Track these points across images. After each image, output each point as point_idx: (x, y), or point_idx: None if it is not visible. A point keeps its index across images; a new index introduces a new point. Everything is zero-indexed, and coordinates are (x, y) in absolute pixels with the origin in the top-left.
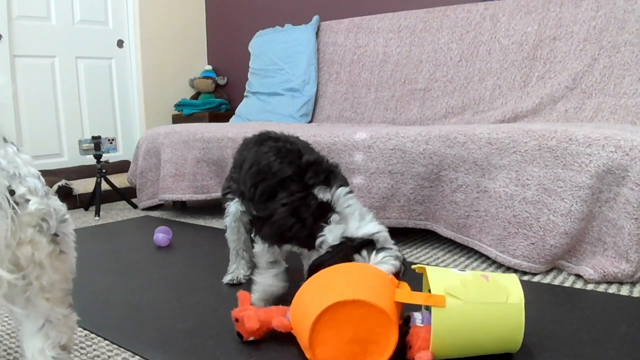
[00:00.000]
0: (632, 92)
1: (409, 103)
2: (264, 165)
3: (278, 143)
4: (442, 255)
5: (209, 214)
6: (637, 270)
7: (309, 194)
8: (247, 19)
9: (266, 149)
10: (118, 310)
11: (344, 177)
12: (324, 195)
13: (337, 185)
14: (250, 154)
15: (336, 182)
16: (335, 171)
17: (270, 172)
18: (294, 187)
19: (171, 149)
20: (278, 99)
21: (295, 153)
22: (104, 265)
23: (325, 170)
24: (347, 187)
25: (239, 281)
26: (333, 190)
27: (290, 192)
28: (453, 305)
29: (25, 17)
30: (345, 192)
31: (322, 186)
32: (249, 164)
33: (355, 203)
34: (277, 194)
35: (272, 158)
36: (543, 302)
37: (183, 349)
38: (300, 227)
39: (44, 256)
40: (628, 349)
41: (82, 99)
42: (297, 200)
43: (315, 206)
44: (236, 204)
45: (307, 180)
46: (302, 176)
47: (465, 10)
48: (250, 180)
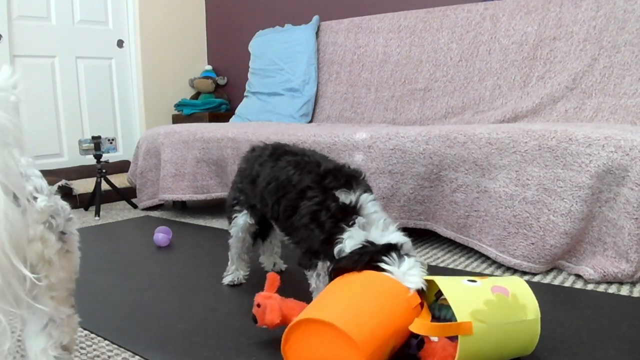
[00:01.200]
0: (632, 92)
1: (409, 103)
2: (284, 180)
3: (296, 157)
4: (442, 255)
5: (209, 214)
6: (637, 270)
7: (329, 196)
8: (247, 19)
9: (284, 164)
10: (118, 310)
11: (367, 184)
12: (346, 197)
13: (361, 190)
14: (266, 169)
15: (359, 187)
16: (358, 177)
17: (291, 185)
18: (312, 193)
19: (171, 149)
20: (278, 99)
21: (314, 164)
22: (104, 265)
23: (346, 175)
24: (371, 194)
25: (239, 282)
26: (358, 194)
27: (309, 198)
28: (479, 330)
29: (25, 17)
30: (370, 198)
31: (344, 189)
32: (267, 180)
33: (381, 211)
34: (299, 206)
35: (292, 172)
36: (543, 302)
37: (183, 349)
38: (319, 231)
39: (53, 253)
40: (628, 349)
41: (82, 99)
42: (315, 205)
43: (335, 209)
44: (245, 216)
45: (327, 185)
46: (321, 182)
47: (465, 10)
48: (270, 197)
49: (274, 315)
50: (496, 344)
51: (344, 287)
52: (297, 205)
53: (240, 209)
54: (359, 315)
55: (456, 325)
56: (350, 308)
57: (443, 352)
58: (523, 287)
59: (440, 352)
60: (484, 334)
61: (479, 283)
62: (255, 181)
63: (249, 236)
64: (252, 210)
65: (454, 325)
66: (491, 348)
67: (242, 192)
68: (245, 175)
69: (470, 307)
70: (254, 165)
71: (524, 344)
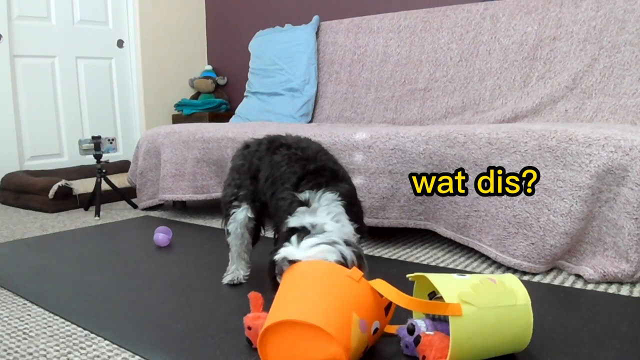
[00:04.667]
0: (632, 92)
1: (409, 103)
2: (277, 177)
3: (290, 150)
4: (442, 255)
5: (209, 214)
6: (637, 270)
7: (295, 198)
8: (247, 19)
9: (279, 158)
10: (118, 310)
11: (344, 185)
12: (303, 196)
13: (324, 190)
14: (265, 164)
15: (329, 188)
16: (337, 177)
17: (280, 182)
18: (286, 194)
19: (171, 149)
20: (278, 99)
21: (303, 161)
22: (104, 265)
23: (323, 177)
24: (335, 194)
25: (239, 281)
26: (319, 193)
27: (282, 199)
28: (469, 312)
29: (25, 17)
30: (332, 196)
31: (309, 190)
32: (266, 175)
33: (335, 207)
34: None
35: (284, 168)
36: (543, 302)
37: (183, 349)
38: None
39: None
40: (628, 349)
41: (82, 99)
42: (281, 200)
43: (293, 204)
44: (244, 211)
45: (300, 187)
46: (298, 185)
47: (465, 10)
48: (268, 191)
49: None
50: (489, 329)
51: (288, 286)
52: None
53: (239, 204)
54: (311, 304)
55: (445, 305)
56: (299, 301)
57: (440, 344)
58: (511, 278)
59: (438, 344)
60: (475, 317)
61: (467, 276)
62: (257, 176)
63: (248, 233)
64: (252, 205)
65: (442, 305)
66: (485, 334)
67: (241, 187)
68: (243, 171)
69: (457, 291)
70: (252, 160)
71: (517, 333)
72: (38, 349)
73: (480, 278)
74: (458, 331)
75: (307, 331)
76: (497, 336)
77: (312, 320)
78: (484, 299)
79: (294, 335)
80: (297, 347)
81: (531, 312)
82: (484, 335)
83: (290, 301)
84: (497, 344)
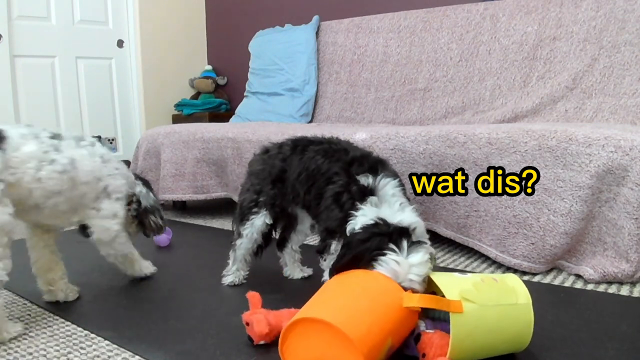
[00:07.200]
0: (632, 92)
1: (409, 103)
2: (313, 170)
3: (322, 145)
4: (442, 255)
5: (209, 214)
6: (637, 270)
7: (352, 180)
8: (247, 19)
9: (311, 154)
10: (118, 310)
11: (394, 171)
12: (366, 180)
13: (384, 175)
14: (293, 162)
15: (384, 172)
16: (385, 163)
17: (320, 173)
18: (338, 178)
19: (171, 149)
20: (278, 99)
21: (342, 152)
22: (104, 265)
23: (373, 162)
24: (395, 179)
25: (239, 282)
26: (379, 178)
27: (334, 182)
28: (470, 309)
29: (25, 17)
30: (394, 183)
31: (367, 173)
32: (297, 172)
33: (401, 196)
34: (326, 191)
35: (320, 160)
36: (543, 302)
37: (183, 349)
38: (338, 211)
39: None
40: (628, 349)
41: (82, 99)
42: (338, 187)
43: (355, 190)
44: (263, 217)
45: (353, 171)
46: (348, 170)
47: (465, 10)
48: (302, 187)
49: (261, 326)
50: (490, 327)
51: (339, 287)
52: (325, 191)
53: (258, 210)
54: (355, 314)
55: (447, 301)
56: (345, 307)
57: (441, 341)
58: (513, 277)
59: (438, 341)
60: (476, 314)
61: (469, 275)
62: (280, 178)
63: (261, 237)
64: (272, 211)
65: (445, 300)
66: (485, 332)
67: (261, 193)
68: (263, 176)
69: (458, 288)
70: (274, 162)
71: (518, 332)
72: (38, 349)
73: (481, 276)
74: (458, 328)
75: (340, 341)
76: (498, 334)
77: (351, 334)
78: (485, 297)
79: (323, 337)
80: (321, 350)
81: (532, 311)
82: (485, 332)
83: (338, 305)
84: (497, 342)
